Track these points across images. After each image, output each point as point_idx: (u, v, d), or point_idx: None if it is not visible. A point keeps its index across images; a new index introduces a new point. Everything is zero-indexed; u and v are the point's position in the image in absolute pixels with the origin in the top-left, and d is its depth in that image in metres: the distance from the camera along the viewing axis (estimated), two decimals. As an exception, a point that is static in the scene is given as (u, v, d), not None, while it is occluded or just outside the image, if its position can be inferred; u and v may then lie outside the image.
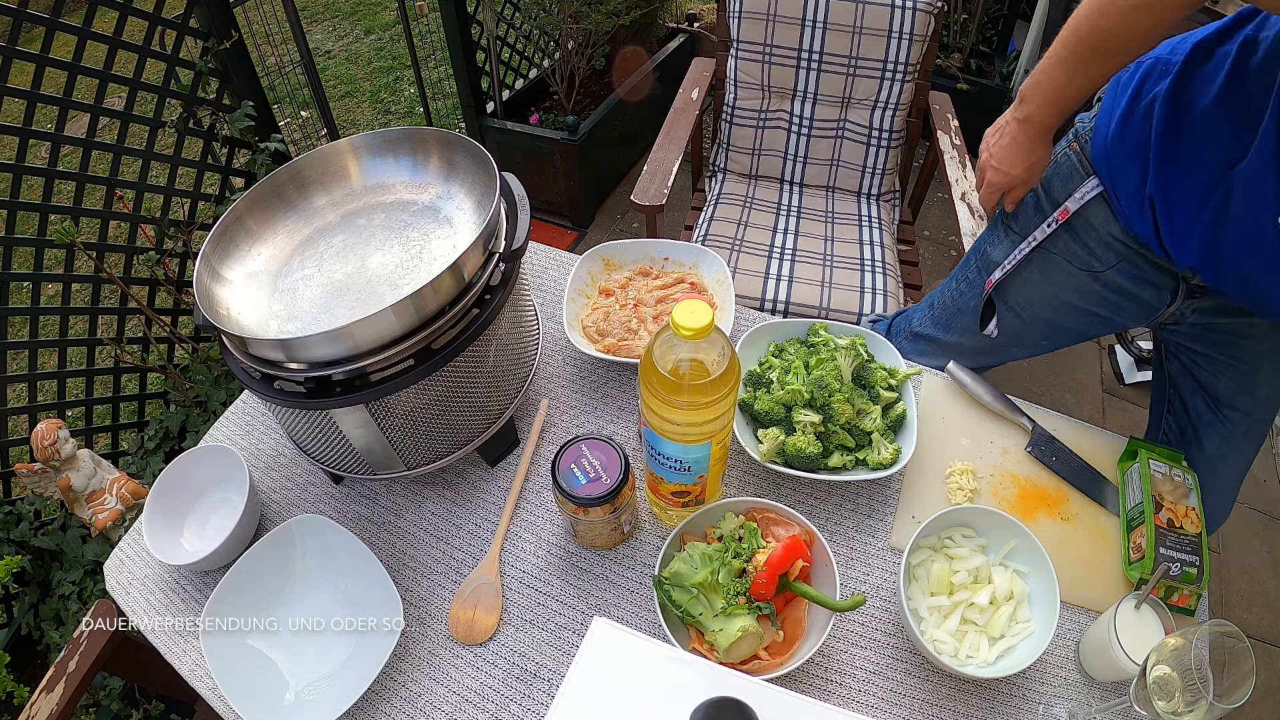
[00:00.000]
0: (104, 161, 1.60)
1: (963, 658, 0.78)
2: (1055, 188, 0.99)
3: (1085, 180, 0.95)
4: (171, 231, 1.68)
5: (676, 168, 1.58)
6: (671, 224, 2.21)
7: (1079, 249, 0.99)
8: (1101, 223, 0.95)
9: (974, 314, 1.14)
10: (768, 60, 1.72)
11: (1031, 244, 1.01)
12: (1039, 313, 1.08)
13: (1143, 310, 1.01)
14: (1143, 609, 0.75)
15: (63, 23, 1.37)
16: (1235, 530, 1.91)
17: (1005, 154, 0.99)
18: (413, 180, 0.95)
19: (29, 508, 1.53)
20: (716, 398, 0.69)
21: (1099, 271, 0.98)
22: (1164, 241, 0.89)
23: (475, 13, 2.40)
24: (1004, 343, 1.14)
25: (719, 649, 0.74)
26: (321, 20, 4.25)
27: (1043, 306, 1.07)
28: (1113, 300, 1.01)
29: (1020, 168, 0.98)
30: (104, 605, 0.97)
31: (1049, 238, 1.00)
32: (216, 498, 0.96)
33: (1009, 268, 1.05)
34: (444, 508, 0.95)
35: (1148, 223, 0.89)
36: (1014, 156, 0.98)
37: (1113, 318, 1.04)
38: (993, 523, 0.84)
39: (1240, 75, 0.77)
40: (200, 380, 1.72)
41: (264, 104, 1.80)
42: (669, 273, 1.12)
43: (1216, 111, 0.79)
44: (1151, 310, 1.00)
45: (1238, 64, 0.77)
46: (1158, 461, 0.92)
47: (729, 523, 0.82)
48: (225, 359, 0.79)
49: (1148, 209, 0.88)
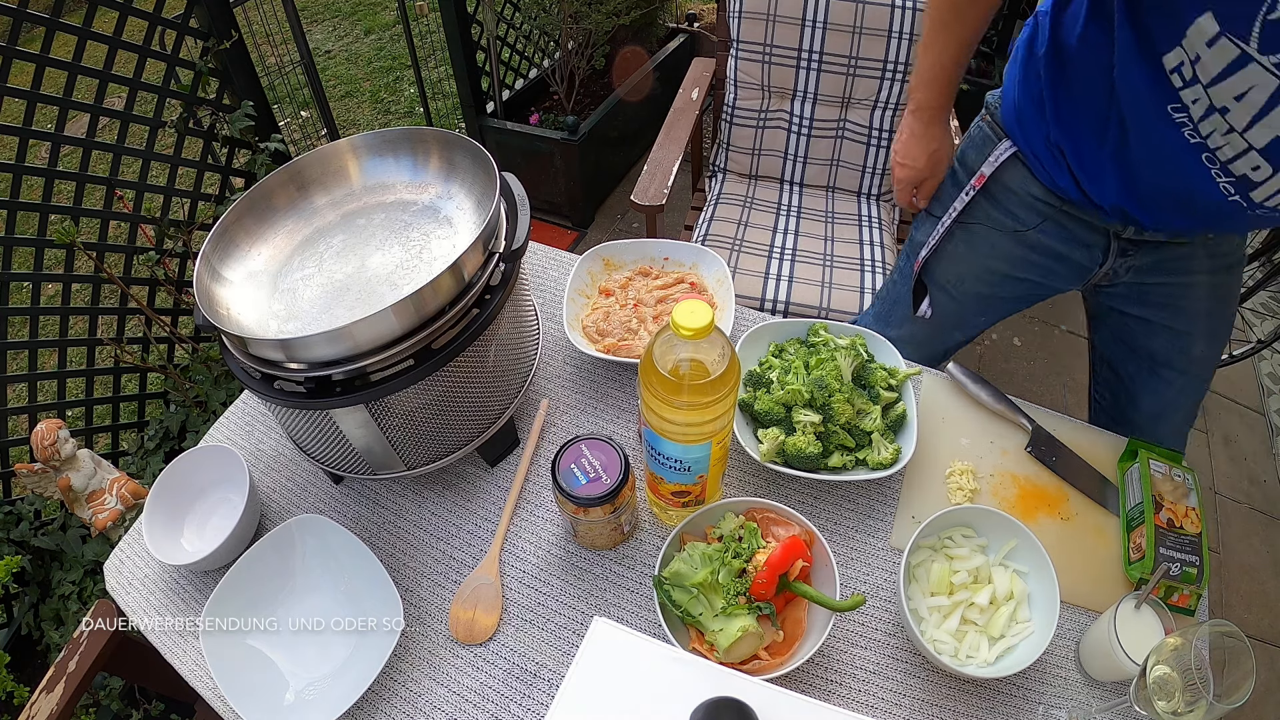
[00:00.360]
0: (104, 161, 1.60)
1: (963, 658, 0.78)
2: (970, 159, 1.02)
3: (998, 144, 0.97)
4: (171, 231, 1.68)
5: (676, 168, 1.58)
6: (671, 224, 2.21)
7: (1000, 214, 1.01)
8: (1020, 184, 0.97)
9: (908, 302, 1.16)
10: (768, 60, 1.72)
11: (952, 214, 1.03)
12: (971, 288, 1.09)
13: (1075, 272, 1.02)
14: (1143, 609, 0.75)
15: (63, 23, 1.37)
16: (1235, 530, 1.91)
17: (906, 148, 1.05)
18: (413, 180, 0.95)
19: (29, 508, 1.53)
20: (716, 398, 0.69)
21: (1023, 232, 1.00)
22: (1083, 186, 0.90)
23: (475, 13, 2.40)
24: (943, 326, 1.15)
25: (719, 649, 0.74)
26: (321, 20, 4.25)
27: (974, 281, 1.08)
28: (1043, 264, 1.02)
29: (922, 158, 1.03)
30: (104, 605, 0.97)
31: (968, 207, 1.02)
32: (216, 498, 0.96)
33: (934, 243, 1.07)
34: (444, 508, 0.95)
35: (1063, 169, 0.91)
36: (914, 148, 1.04)
37: (1045, 282, 1.05)
38: (993, 523, 0.84)
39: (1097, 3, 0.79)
40: (200, 380, 1.72)
41: (264, 104, 1.80)
42: (669, 273, 1.12)
43: (1087, 39, 0.81)
44: (1084, 271, 1.01)
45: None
46: (1158, 461, 0.92)
47: (729, 523, 0.82)
48: (225, 359, 0.79)
49: (1059, 155, 0.90)
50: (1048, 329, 2.34)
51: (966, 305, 1.11)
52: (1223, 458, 2.07)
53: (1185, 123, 0.74)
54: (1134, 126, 0.80)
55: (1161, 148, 0.78)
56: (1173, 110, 0.74)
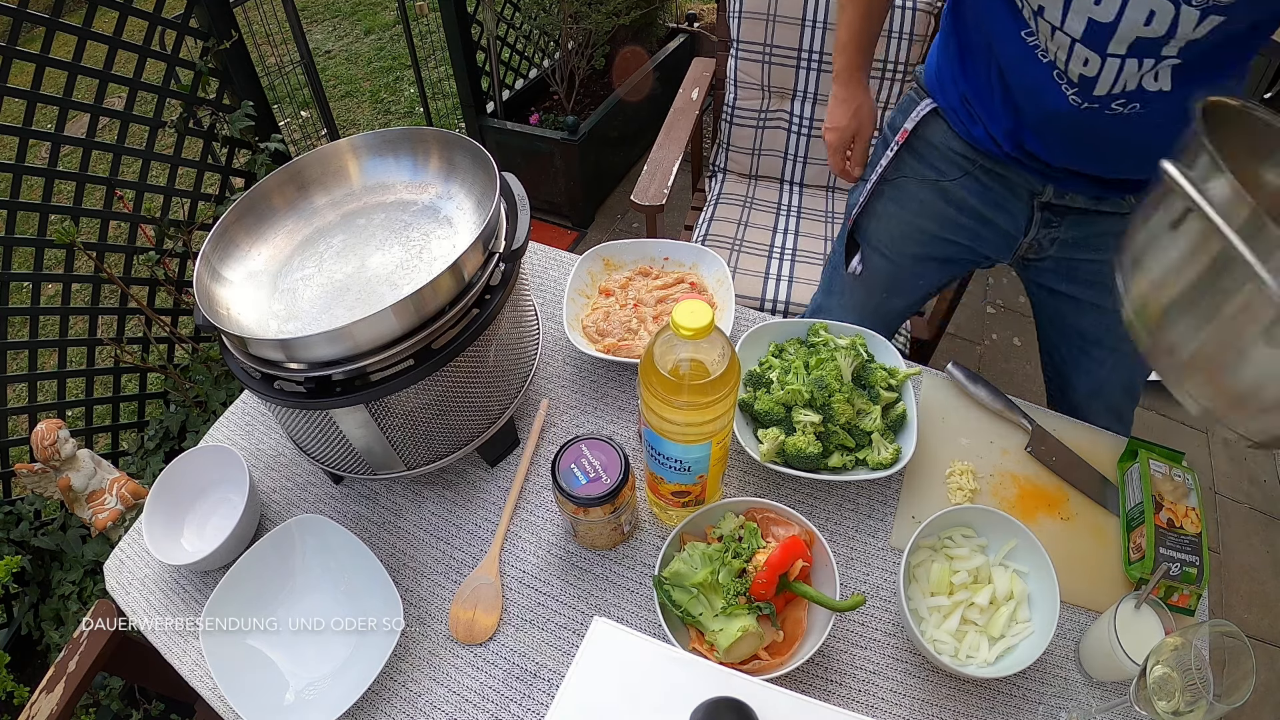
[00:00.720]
0: (104, 161, 1.60)
1: (963, 658, 0.78)
2: (897, 122, 1.07)
3: (919, 102, 1.03)
4: (171, 231, 1.68)
5: (676, 168, 1.58)
6: (671, 224, 2.21)
7: (923, 167, 1.05)
8: (941, 139, 1.03)
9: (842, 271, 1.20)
10: (768, 60, 1.72)
11: (879, 169, 1.08)
12: (903, 248, 1.12)
13: (1001, 239, 1.05)
14: (1143, 609, 0.75)
15: (63, 23, 1.37)
16: (1235, 530, 1.91)
17: (831, 114, 1.12)
18: (413, 180, 0.95)
19: (29, 508, 1.53)
20: (716, 398, 0.69)
21: (945, 184, 1.04)
22: (991, 133, 0.95)
23: (475, 13, 2.40)
24: (880, 289, 1.18)
25: (719, 649, 0.74)
26: (321, 20, 4.25)
27: (903, 240, 1.11)
28: (969, 226, 1.06)
29: (846, 117, 1.10)
30: (104, 605, 0.97)
31: (893, 162, 1.07)
32: (216, 498, 0.96)
33: (863, 201, 1.11)
34: (444, 508, 0.95)
35: (972, 118, 0.97)
36: (837, 111, 1.11)
37: (974, 246, 1.08)
38: (993, 523, 0.84)
39: None
40: (200, 380, 1.72)
41: (264, 104, 1.80)
42: (669, 273, 1.12)
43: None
44: (1010, 239, 1.05)
45: None
46: (1158, 461, 0.92)
47: (729, 523, 0.82)
48: (225, 359, 0.79)
49: (966, 103, 0.97)
50: (1048, 329, 2.34)
51: (901, 266, 1.14)
52: (1223, 458, 2.07)
53: (1036, 45, 0.83)
54: (1006, 65, 0.88)
55: (1025, 73, 0.86)
56: (1025, 35, 0.83)
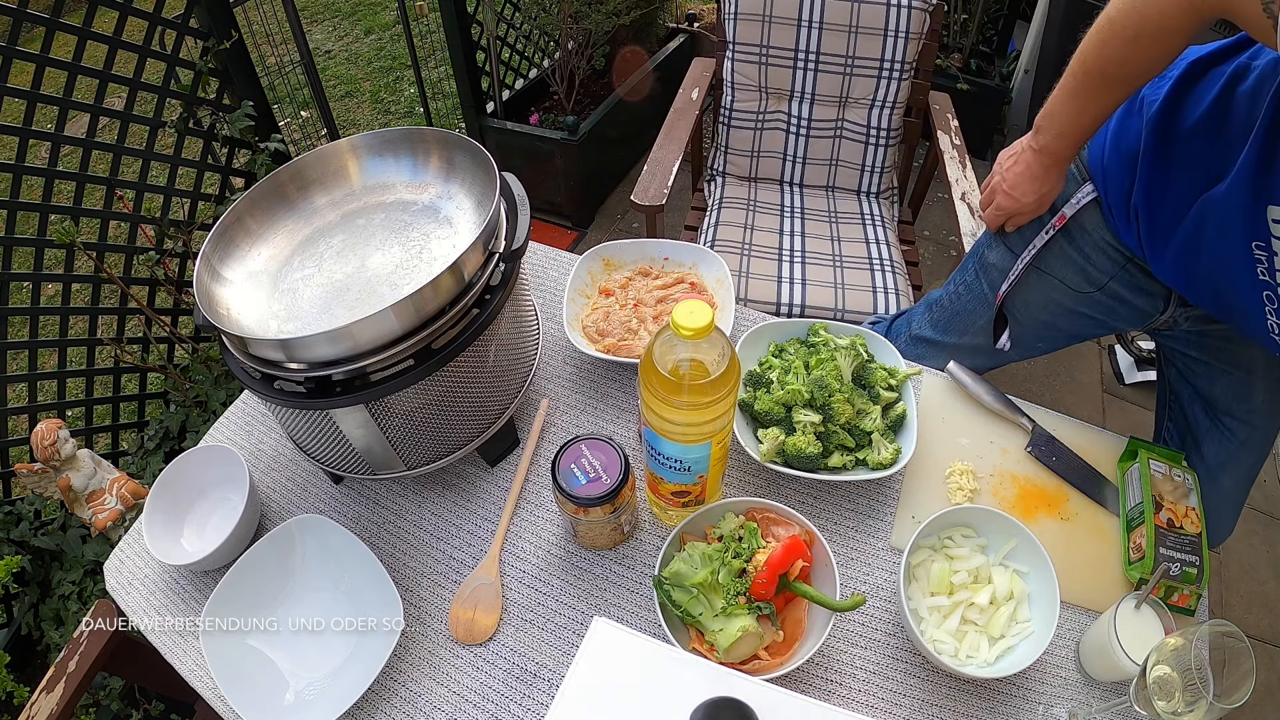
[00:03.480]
0: (104, 161, 1.60)
1: (963, 658, 0.78)
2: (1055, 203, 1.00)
3: (1081, 186, 0.96)
4: (171, 231, 1.68)
5: (676, 168, 1.58)
6: (671, 224, 2.21)
7: (1073, 250, 0.99)
8: (1095, 228, 0.96)
9: (972, 318, 1.15)
10: (764, 62, 1.72)
11: (1032, 251, 1.02)
12: (1035, 315, 1.08)
13: (1136, 315, 1.02)
14: (1143, 609, 0.75)
15: (63, 23, 1.37)
16: (1235, 530, 1.91)
17: (1019, 180, 0.99)
18: (413, 180, 0.95)
19: (29, 508, 1.53)
20: (716, 398, 0.69)
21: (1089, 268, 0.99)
22: (1145, 252, 0.90)
23: (475, 13, 2.40)
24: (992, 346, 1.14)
25: (719, 649, 0.74)
26: (321, 20, 4.24)
27: (1039, 309, 1.07)
28: (1107, 304, 1.01)
29: (1032, 196, 0.98)
30: (104, 605, 0.97)
31: (1046, 245, 1.00)
32: (216, 498, 0.96)
33: (1014, 278, 1.05)
34: (444, 508, 0.95)
35: (1133, 233, 0.90)
36: (1027, 185, 0.98)
37: (1107, 320, 1.04)
38: (993, 523, 0.84)
39: (1228, 98, 0.77)
40: (200, 380, 1.72)
41: (264, 104, 1.80)
42: (669, 273, 1.12)
43: (1202, 130, 0.80)
44: (1145, 316, 1.01)
45: (1228, 86, 0.77)
46: (1158, 461, 0.92)
47: (729, 523, 0.82)
48: (225, 359, 0.79)
49: (1134, 219, 0.89)
50: (1048, 329, 2.34)
51: (1029, 330, 1.11)
52: (1223, 458, 2.07)
53: (1261, 260, 0.75)
54: (1211, 236, 0.80)
55: (1228, 269, 0.79)
56: (1255, 246, 0.75)
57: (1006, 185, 1.01)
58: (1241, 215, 0.75)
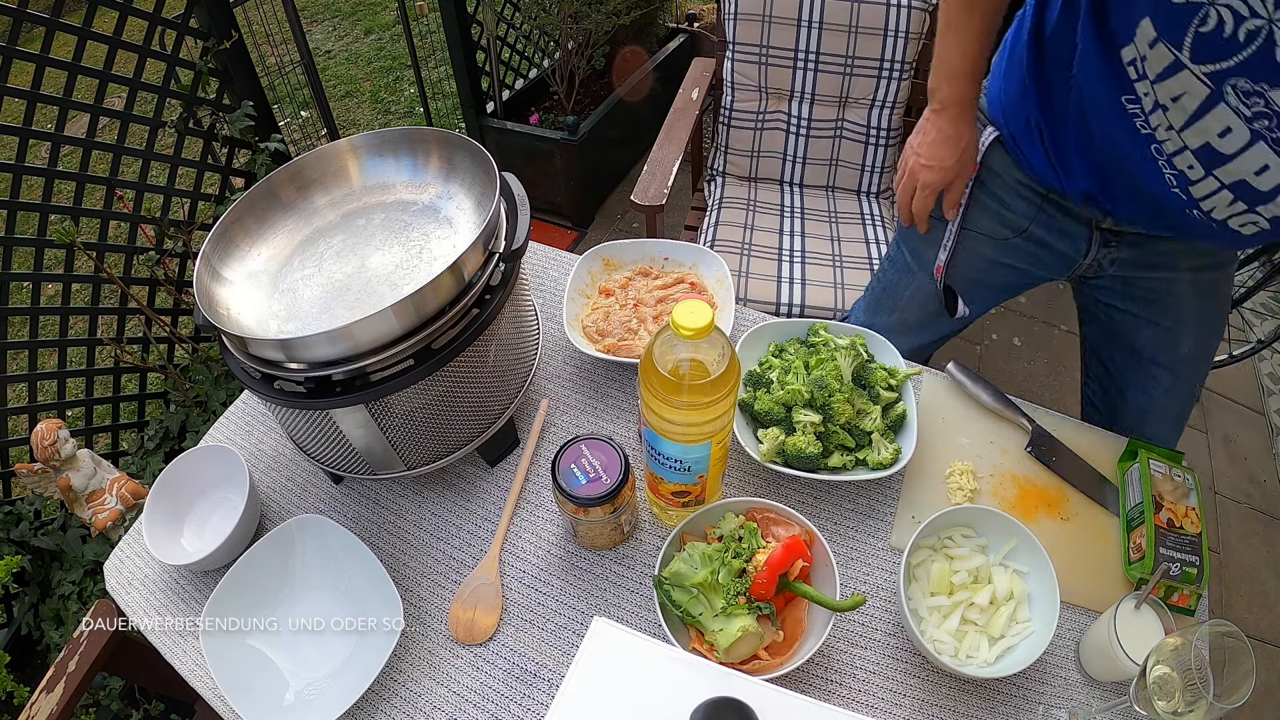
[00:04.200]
0: (104, 161, 1.60)
1: (963, 658, 0.78)
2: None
3: (984, 130, 0.98)
4: (171, 231, 1.68)
5: (676, 168, 1.58)
6: (671, 224, 2.21)
7: (986, 197, 1.02)
8: (1005, 169, 0.99)
9: (897, 291, 1.18)
10: (764, 62, 1.72)
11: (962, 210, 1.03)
12: (960, 274, 1.09)
13: (1060, 261, 1.03)
14: (1143, 609, 0.75)
15: (63, 23, 1.37)
16: (1235, 530, 1.91)
17: (933, 148, 0.99)
18: (413, 180, 0.95)
19: (29, 508, 1.53)
20: (716, 398, 0.69)
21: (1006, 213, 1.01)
22: (1056, 168, 0.91)
23: (475, 13, 2.40)
24: (933, 314, 1.16)
25: (719, 649, 0.74)
26: (321, 20, 4.25)
27: (964, 267, 1.08)
28: (1030, 251, 1.03)
29: (952, 157, 0.99)
30: (104, 605, 0.97)
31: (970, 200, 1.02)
32: (216, 498, 0.96)
33: (950, 245, 1.05)
34: (444, 508, 0.95)
35: (1040, 151, 0.92)
36: (942, 148, 0.99)
37: (1032, 269, 1.06)
38: (993, 523, 0.84)
39: None
40: (200, 380, 1.72)
41: (264, 104, 1.80)
42: (669, 273, 1.12)
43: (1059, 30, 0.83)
44: (1069, 261, 1.02)
45: None
46: (1158, 461, 0.92)
47: (729, 523, 0.82)
48: (225, 359, 0.79)
49: (1038, 138, 0.91)
50: (1048, 329, 2.34)
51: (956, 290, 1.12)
52: (1223, 458, 2.07)
53: (1137, 114, 0.76)
54: (1093, 115, 0.82)
55: (1114, 136, 0.80)
56: (1126, 101, 0.76)
57: (924, 159, 1.01)
58: (1101, 74, 0.77)
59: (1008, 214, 1.01)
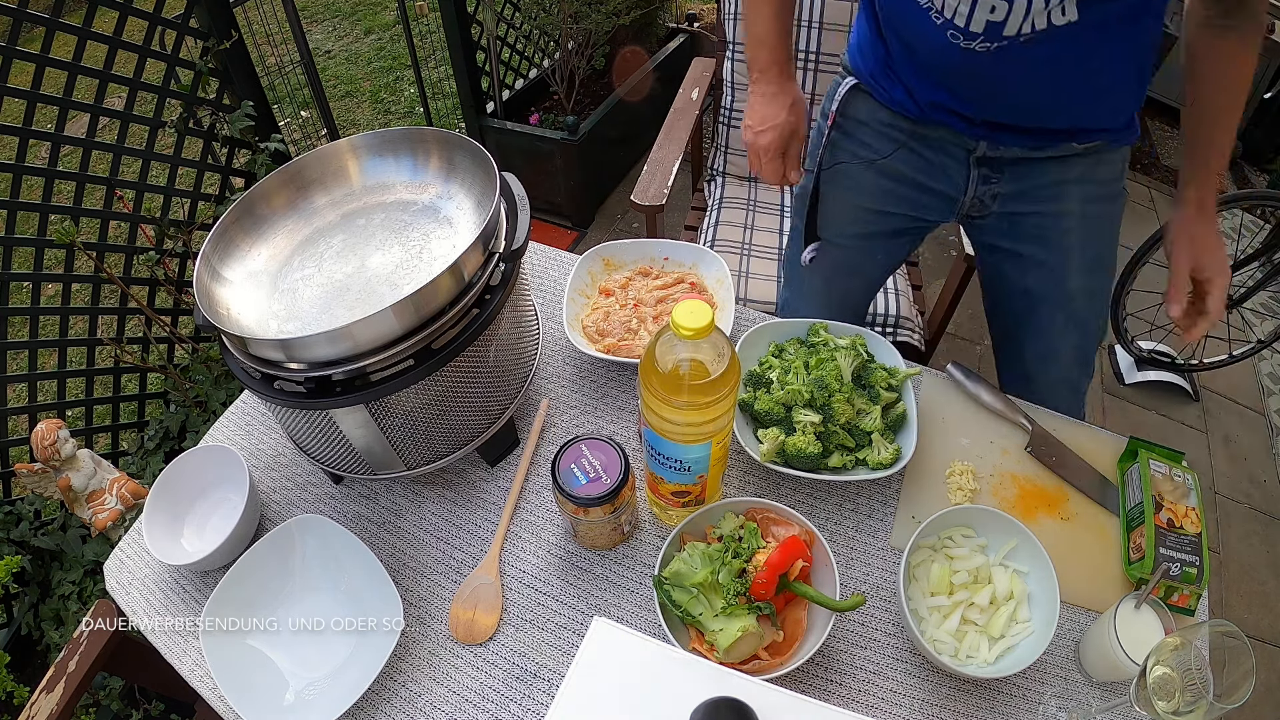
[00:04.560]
0: (104, 161, 1.60)
1: (963, 658, 0.78)
2: (825, 108, 1.06)
3: (841, 81, 1.02)
4: (171, 231, 1.68)
5: (676, 168, 1.58)
6: (671, 224, 2.21)
7: (857, 147, 1.04)
8: (867, 113, 1.02)
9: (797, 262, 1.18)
10: (767, 60, 1.72)
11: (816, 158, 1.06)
12: (847, 230, 1.11)
13: (942, 202, 1.05)
14: (1143, 609, 0.75)
15: (63, 23, 1.37)
16: (1235, 530, 1.91)
17: (759, 113, 1.03)
18: (413, 180, 0.95)
19: (29, 508, 1.53)
20: (716, 398, 0.69)
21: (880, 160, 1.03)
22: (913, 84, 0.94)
23: (475, 13, 2.40)
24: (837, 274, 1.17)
25: (719, 649, 0.74)
26: (321, 20, 4.25)
27: (847, 223, 1.10)
28: (909, 196, 1.05)
29: (782, 113, 1.02)
30: (104, 605, 0.97)
31: (828, 148, 1.05)
32: (216, 498, 0.96)
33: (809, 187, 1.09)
34: (444, 508, 0.95)
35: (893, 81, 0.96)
36: (767, 109, 1.02)
37: (917, 215, 1.08)
38: (993, 523, 0.84)
39: None
40: (200, 380, 1.72)
41: (264, 104, 1.80)
42: (669, 273, 1.12)
43: None
44: (950, 201, 1.04)
45: None
46: (1158, 461, 0.92)
47: (729, 523, 0.82)
48: (225, 359, 0.79)
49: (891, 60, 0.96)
50: (1048, 329, 2.34)
51: (850, 249, 1.14)
52: (1223, 458, 2.07)
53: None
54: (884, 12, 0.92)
55: (909, 19, 0.87)
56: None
57: (756, 126, 1.03)
58: None
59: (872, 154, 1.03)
